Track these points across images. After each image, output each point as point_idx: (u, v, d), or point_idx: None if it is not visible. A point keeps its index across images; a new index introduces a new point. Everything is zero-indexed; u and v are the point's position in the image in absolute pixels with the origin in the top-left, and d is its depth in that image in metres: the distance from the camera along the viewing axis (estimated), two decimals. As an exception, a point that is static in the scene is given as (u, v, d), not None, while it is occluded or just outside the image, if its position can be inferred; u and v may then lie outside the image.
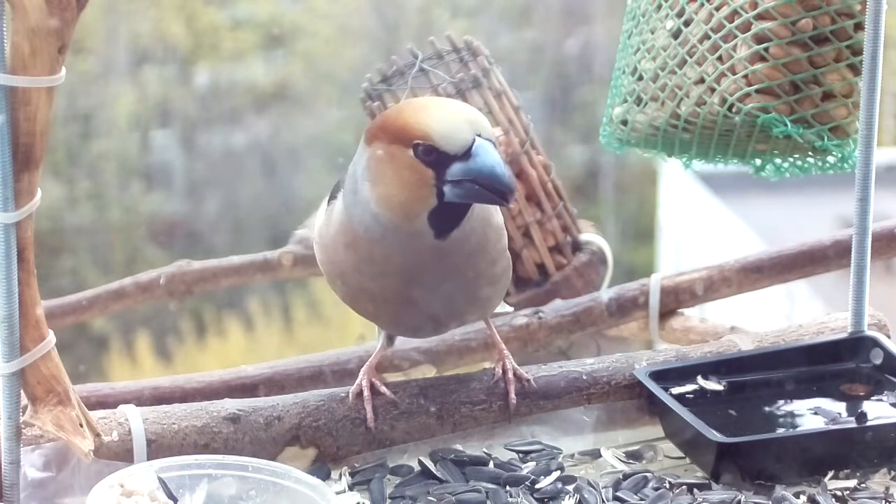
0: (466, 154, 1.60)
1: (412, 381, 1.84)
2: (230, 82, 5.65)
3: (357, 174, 1.69)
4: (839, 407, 1.84)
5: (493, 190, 1.60)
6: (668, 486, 1.70)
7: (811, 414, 1.82)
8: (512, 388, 1.80)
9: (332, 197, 1.76)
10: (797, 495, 1.67)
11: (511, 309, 2.20)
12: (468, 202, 1.63)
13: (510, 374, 1.81)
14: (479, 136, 1.61)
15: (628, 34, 2.05)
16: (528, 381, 1.82)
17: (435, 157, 1.61)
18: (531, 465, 1.74)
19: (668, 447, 1.81)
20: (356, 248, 1.70)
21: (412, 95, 2.21)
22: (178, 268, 2.42)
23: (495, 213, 1.76)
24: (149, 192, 5.61)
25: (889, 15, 1.85)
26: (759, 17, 1.92)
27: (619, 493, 1.69)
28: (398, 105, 1.75)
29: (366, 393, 1.77)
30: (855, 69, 1.93)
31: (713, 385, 1.86)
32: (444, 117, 1.62)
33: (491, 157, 1.59)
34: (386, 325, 1.83)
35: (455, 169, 1.61)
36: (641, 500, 1.67)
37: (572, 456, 1.79)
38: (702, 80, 1.96)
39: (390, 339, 1.87)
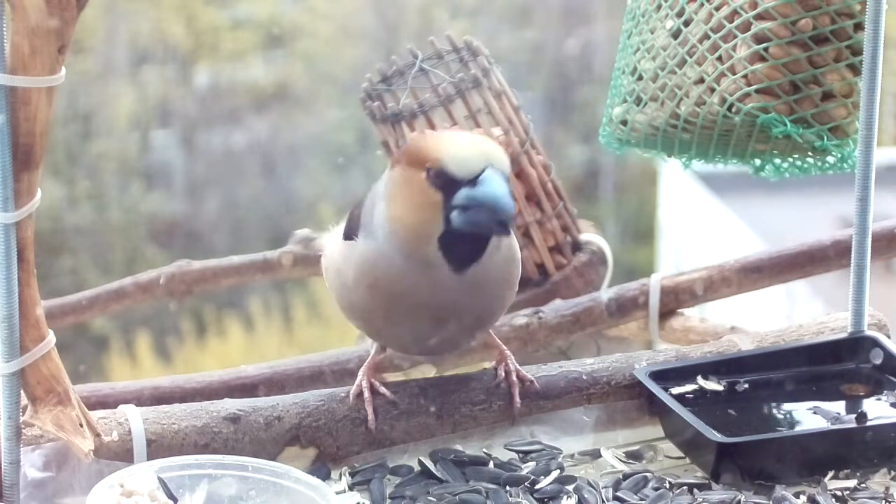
0: (474, 181, 1.63)
1: (412, 381, 1.84)
2: (230, 82, 5.65)
3: (376, 197, 1.73)
4: (839, 407, 1.84)
5: (491, 218, 1.62)
6: (668, 486, 1.70)
7: (811, 414, 1.82)
8: (516, 391, 1.80)
9: (349, 234, 1.77)
10: (797, 495, 1.67)
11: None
12: (470, 230, 1.65)
13: (513, 377, 1.81)
14: (492, 167, 1.63)
15: (628, 34, 2.05)
16: (530, 381, 1.82)
17: (443, 181, 1.64)
18: (531, 465, 1.74)
19: (668, 447, 1.81)
20: (379, 288, 1.72)
21: (412, 95, 2.21)
22: (178, 268, 2.41)
23: (518, 249, 1.78)
24: (149, 192, 5.61)
25: (889, 15, 1.85)
26: (759, 16, 1.91)
27: (619, 493, 1.69)
28: (424, 132, 1.78)
29: (366, 394, 1.77)
30: (855, 69, 1.93)
31: (713, 385, 1.85)
32: (459, 145, 1.66)
33: (496, 186, 1.62)
34: (398, 348, 1.86)
35: (461, 194, 1.64)
36: (641, 500, 1.67)
37: (572, 456, 1.79)
38: (701, 80, 1.96)
39: None
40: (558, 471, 1.72)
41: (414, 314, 1.72)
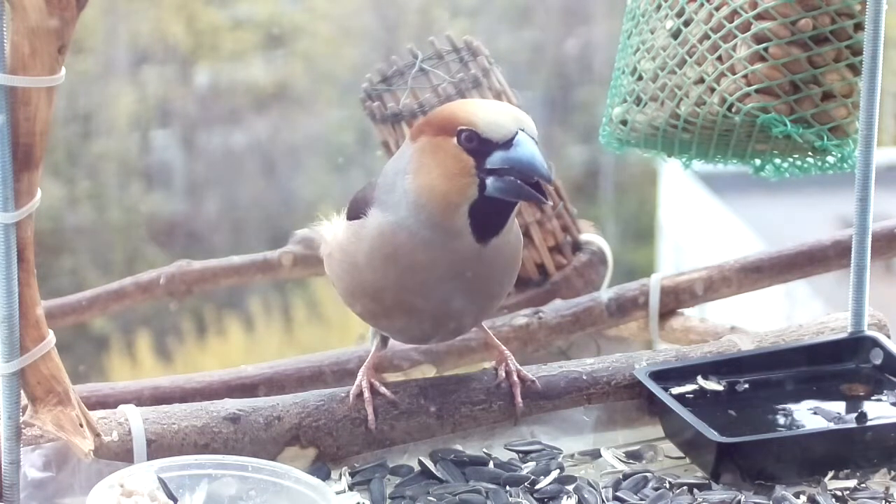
0: (508, 143, 1.63)
1: (412, 381, 1.84)
2: (230, 82, 5.65)
3: (397, 172, 1.71)
4: (839, 407, 1.84)
5: (530, 181, 1.62)
6: (668, 486, 1.70)
7: (811, 414, 1.82)
8: (518, 392, 1.80)
9: (356, 214, 1.76)
10: (797, 495, 1.67)
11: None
12: (508, 198, 1.65)
13: (514, 377, 1.81)
14: (524, 130, 1.64)
15: (628, 34, 2.05)
16: (532, 381, 1.82)
17: (477, 143, 1.64)
18: (531, 465, 1.74)
19: (668, 447, 1.81)
20: (396, 260, 1.70)
21: (412, 96, 2.21)
22: (178, 268, 2.41)
23: (520, 232, 1.79)
24: (149, 192, 5.61)
25: (889, 15, 1.85)
26: (759, 16, 1.91)
27: (619, 493, 1.69)
28: (446, 104, 1.79)
29: (366, 394, 1.77)
30: (855, 69, 1.93)
31: (713, 385, 1.85)
32: (490, 109, 1.66)
33: (531, 148, 1.63)
34: (406, 337, 1.85)
35: (495, 157, 1.63)
36: (641, 500, 1.67)
37: (572, 456, 1.79)
38: (701, 80, 1.96)
39: (385, 340, 1.87)
40: (558, 471, 1.72)
41: (428, 288, 1.71)
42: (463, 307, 1.75)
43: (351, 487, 1.71)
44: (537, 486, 1.70)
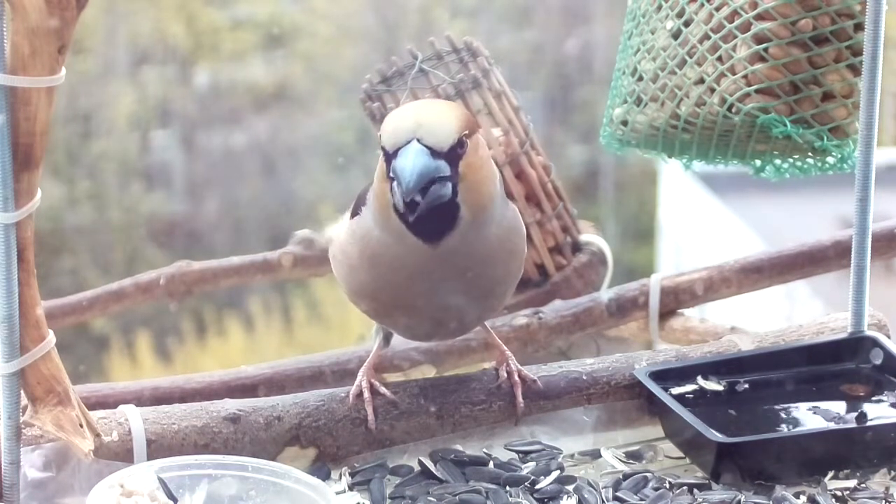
0: (396, 153, 1.63)
1: (412, 381, 1.84)
2: (230, 82, 5.65)
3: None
4: (839, 407, 1.84)
5: (399, 192, 1.63)
6: (668, 486, 1.70)
7: (811, 414, 1.82)
8: (519, 391, 1.80)
9: (354, 212, 1.77)
10: (797, 495, 1.67)
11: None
12: (396, 203, 1.65)
13: (516, 377, 1.81)
14: (419, 140, 1.62)
15: (628, 35, 2.05)
16: (533, 381, 1.82)
17: (384, 152, 1.65)
18: (531, 465, 1.74)
19: (668, 447, 1.81)
20: (376, 260, 1.72)
21: (412, 96, 2.21)
22: (178, 268, 2.41)
23: (523, 229, 1.78)
24: (149, 192, 5.61)
25: (889, 15, 1.85)
26: (759, 17, 1.92)
27: (619, 493, 1.69)
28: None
29: (366, 394, 1.77)
30: (855, 69, 1.93)
31: (713, 385, 1.86)
32: (395, 117, 1.66)
33: (407, 159, 1.62)
34: (412, 334, 1.86)
35: (391, 166, 1.64)
36: (641, 500, 1.67)
37: (572, 456, 1.79)
38: (701, 81, 1.96)
39: (387, 340, 1.87)
40: (558, 471, 1.72)
41: (410, 288, 1.71)
42: (460, 306, 1.74)
43: (351, 487, 1.71)
44: (537, 486, 1.70)
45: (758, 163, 2.05)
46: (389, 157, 1.64)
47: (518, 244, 1.77)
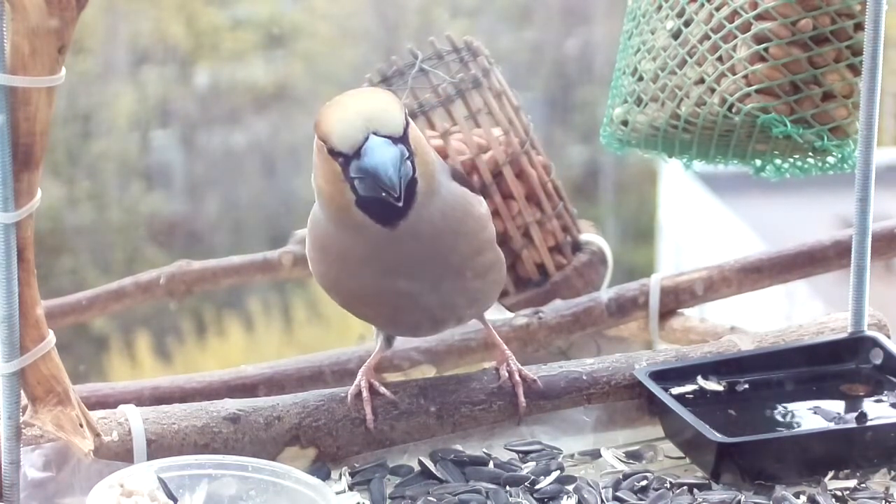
0: (358, 153, 1.63)
1: (412, 381, 1.84)
2: (230, 82, 5.66)
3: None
4: (839, 407, 1.84)
5: (378, 188, 1.62)
6: (668, 486, 1.70)
7: (811, 414, 1.82)
8: (520, 391, 1.80)
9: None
10: (797, 495, 1.67)
11: (510, 315, 2.19)
12: (375, 195, 1.64)
13: (517, 377, 1.81)
14: (376, 133, 1.63)
15: (628, 35, 2.05)
16: (534, 381, 1.82)
17: (336, 155, 1.65)
18: (531, 465, 1.74)
19: (668, 447, 1.81)
20: (328, 251, 1.72)
21: (412, 96, 2.21)
22: (178, 268, 2.42)
23: (477, 204, 1.76)
24: (149, 192, 5.62)
25: (889, 15, 1.85)
26: (759, 17, 1.92)
27: (619, 493, 1.69)
28: (323, 105, 1.77)
29: (364, 394, 1.77)
30: (855, 69, 1.93)
31: (713, 385, 1.85)
32: (339, 118, 1.65)
33: (377, 157, 1.62)
34: (385, 325, 1.83)
35: (352, 167, 1.64)
36: (641, 500, 1.67)
37: (572, 456, 1.79)
38: (702, 81, 1.96)
39: (388, 341, 1.87)
40: (558, 471, 1.72)
41: (372, 277, 1.71)
42: (423, 290, 1.73)
43: (351, 487, 1.71)
44: (537, 486, 1.70)
45: (758, 163, 2.05)
46: (349, 158, 1.64)
47: (468, 214, 1.74)
